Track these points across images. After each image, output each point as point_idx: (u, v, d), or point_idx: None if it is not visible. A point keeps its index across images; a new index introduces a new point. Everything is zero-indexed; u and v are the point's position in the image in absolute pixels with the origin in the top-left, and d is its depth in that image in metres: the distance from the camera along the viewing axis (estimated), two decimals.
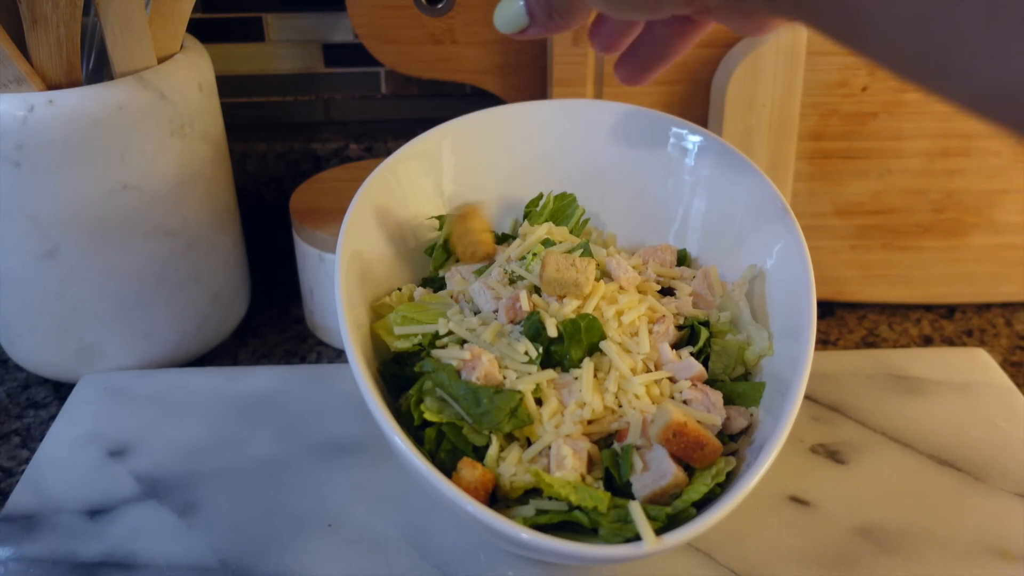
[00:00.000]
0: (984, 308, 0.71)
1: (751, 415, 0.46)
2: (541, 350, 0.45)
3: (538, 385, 0.44)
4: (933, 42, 0.24)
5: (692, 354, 0.47)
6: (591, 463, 0.43)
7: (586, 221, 0.57)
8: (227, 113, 0.65)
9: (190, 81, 0.58)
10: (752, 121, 0.64)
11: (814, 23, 0.30)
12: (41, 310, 0.59)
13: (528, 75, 0.71)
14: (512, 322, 0.46)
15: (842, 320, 0.70)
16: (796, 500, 0.50)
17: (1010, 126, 0.24)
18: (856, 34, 0.28)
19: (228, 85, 0.72)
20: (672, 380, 0.46)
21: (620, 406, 0.44)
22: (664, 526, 0.39)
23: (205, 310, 0.64)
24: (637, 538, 0.38)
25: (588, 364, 0.45)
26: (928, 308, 0.72)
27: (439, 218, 0.55)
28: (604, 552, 0.37)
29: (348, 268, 0.47)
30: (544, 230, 0.52)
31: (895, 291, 0.70)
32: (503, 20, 0.44)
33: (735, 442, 0.45)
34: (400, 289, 0.52)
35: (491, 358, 0.44)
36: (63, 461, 0.53)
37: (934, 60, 0.25)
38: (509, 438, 0.44)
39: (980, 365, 0.61)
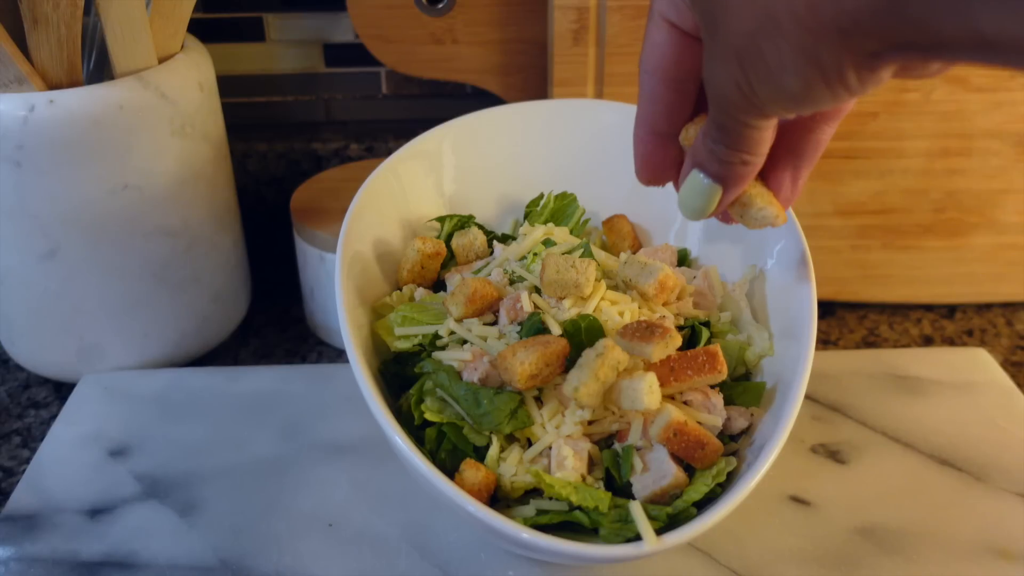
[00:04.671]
0: (985, 308, 0.71)
1: (751, 415, 0.46)
2: None
3: None
4: None
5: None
6: (591, 463, 0.43)
7: (586, 221, 0.57)
8: (228, 113, 0.65)
9: (191, 81, 0.58)
10: None
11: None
12: (42, 310, 0.59)
13: (528, 75, 0.71)
14: (512, 322, 0.46)
15: (842, 320, 0.70)
16: (796, 500, 0.50)
17: None
18: None
19: (229, 85, 0.72)
20: None
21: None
22: (664, 526, 0.39)
23: (206, 310, 0.64)
24: (637, 538, 0.38)
25: None
26: (929, 308, 0.72)
27: (439, 219, 0.55)
28: (604, 552, 0.37)
29: (349, 268, 0.48)
30: (544, 231, 0.52)
31: (895, 291, 0.70)
32: (694, 207, 0.39)
33: (735, 442, 0.45)
34: (401, 289, 0.52)
35: (492, 359, 0.44)
36: (64, 461, 0.54)
37: None
38: (510, 439, 0.44)
39: (981, 365, 0.61)
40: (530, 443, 0.43)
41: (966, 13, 0.26)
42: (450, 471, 0.42)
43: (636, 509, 0.39)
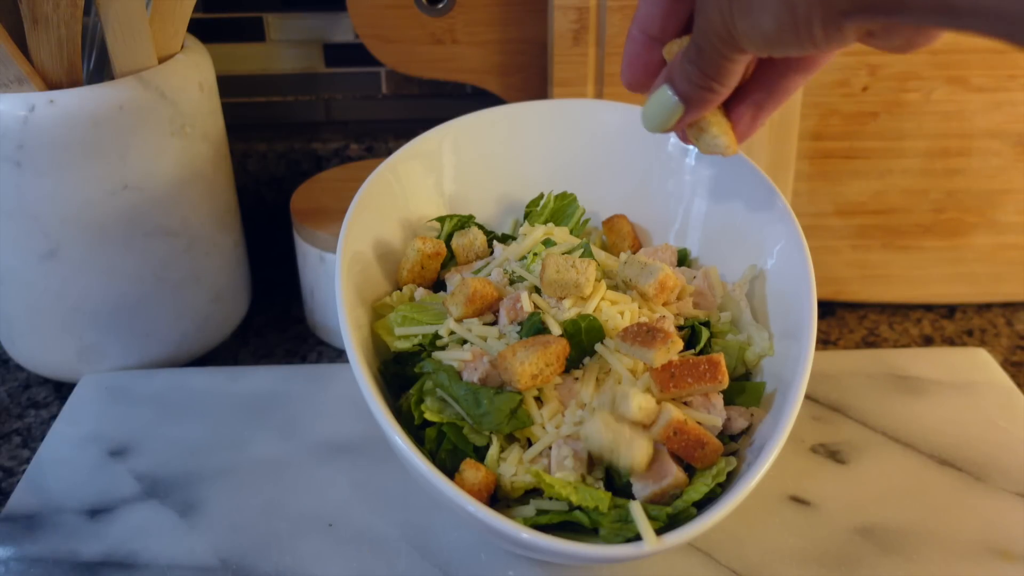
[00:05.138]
0: (985, 308, 0.71)
1: (751, 415, 0.46)
2: None
3: None
4: None
5: (693, 354, 0.47)
6: (591, 463, 0.43)
7: (586, 221, 0.57)
8: (228, 113, 0.65)
9: (191, 81, 0.58)
10: None
11: (1008, 37, 0.29)
12: (42, 310, 0.59)
13: (528, 75, 0.71)
14: (512, 322, 0.46)
15: (842, 320, 0.70)
16: (796, 500, 0.50)
17: None
18: None
19: (229, 85, 0.72)
20: None
21: None
22: (664, 526, 0.39)
23: (206, 310, 0.64)
24: (637, 538, 0.38)
25: (588, 365, 0.45)
26: (929, 308, 0.72)
27: (439, 219, 0.55)
28: (605, 552, 0.37)
29: (349, 268, 0.48)
30: (544, 231, 0.52)
31: (895, 291, 0.70)
32: (654, 119, 0.41)
33: (735, 442, 0.45)
34: (401, 289, 0.52)
35: (492, 359, 0.44)
36: (64, 461, 0.54)
37: None
38: (510, 439, 0.44)
39: (981, 365, 0.61)
40: (530, 443, 0.43)
41: None
42: (450, 471, 0.42)
43: (636, 509, 0.39)
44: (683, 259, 0.55)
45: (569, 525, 0.41)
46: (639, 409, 0.40)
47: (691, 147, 0.55)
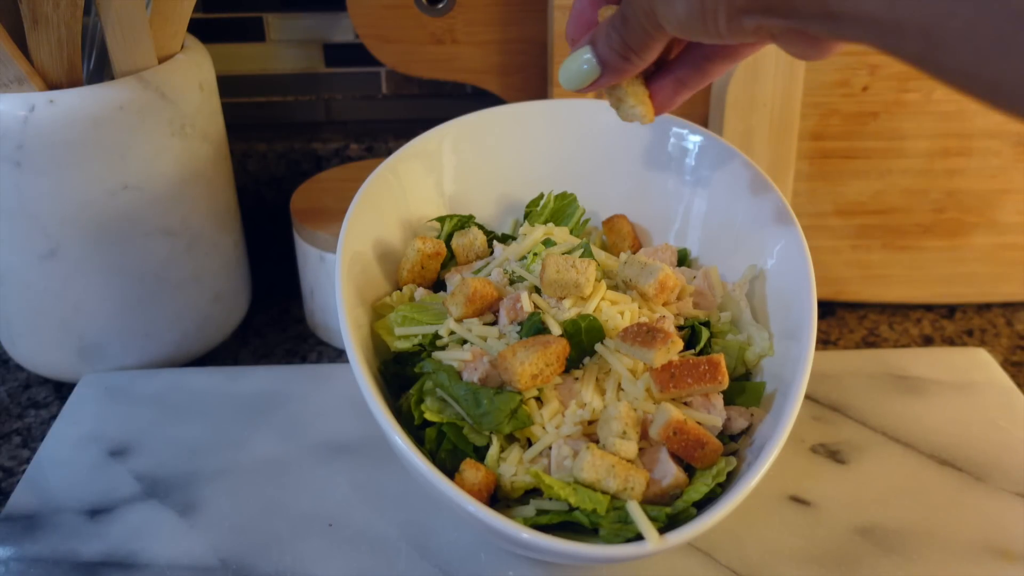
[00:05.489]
0: (985, 308, 0.71)
1: (751, 415, 0.46)
2: None
3: None
4: (1013, 69, 0.25)
5: (693, 355, 0.47)
6: None
7: (586, 221, 0.57)
8: (228, 113, 0.65)
9: (191, 81, 0.58)
10: (753, 121, 0.64)
11: (888, 49, 0.30)
12: (42, 310, 0.59)
13: (528, 75, 0.71)
14: (512, 322, 0.46)
15: (842, 320, 0.70)
16: (796, 500, 0.50)
17: None
18: (934, 61, 0.28)
19: (229, 85, 0.72)
20: None
21: None
22: (664, 526, 0.39)
23: (206, 310, 0.64)
24: (638, 538, 0.38)
25: (588, 365, 0.45)
26: (929, 308, 0.72)
27: (439, 219, 0.55)
28: (606, 552, 0.37)
29: (349, 268, 0.48)
30: (544, 231, 0.52)
31: (895, 291, 0.70)
32: (570, 76, 0.42)
33: (735, 442, 0.45)
34: (401, 289, 0.52)
35: (492, 359, 0.44)
36: (64, 461, 0.54)
37: (1012, 85, 0.26)
38: (510, 439, 0.44)
39: (981, 365, 0.61)
40: (530, 443, 0.43)
41: None
42: (450, 471, 0.42)
43: (635, 509, 0.39)
44: (683, 259, 0.55)
45: (569, 525, 0.41)
46: (622, 434, 0.41)
47: (691, 147, 0.55)
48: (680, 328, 0.49)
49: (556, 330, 0.44)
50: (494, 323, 0.47)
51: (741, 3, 0.34)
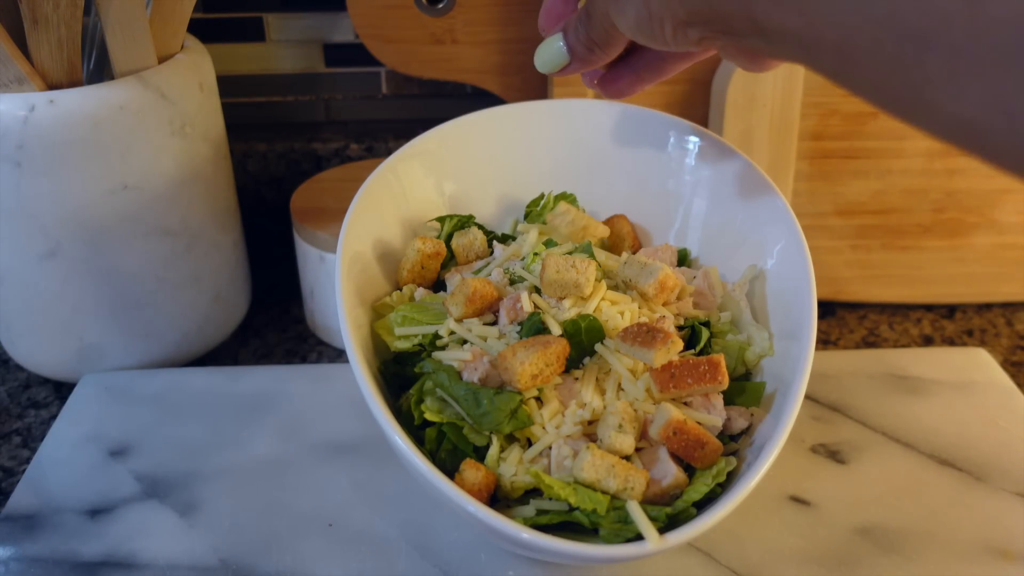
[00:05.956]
0: (985, 308, 0.71)
1: (751, 415, 0.46)
2: None
3: None
4: (909, 83, 0.28)
5: (693, 355, 0.47)
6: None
7: None
8: (228, 113, 0.65)
9: (191, 81, 0.58)
10: (752, 121, 0.64)
11: (810, 64, 0.33)
12: (42, 310, 0.59)
13: (528, 75, 0.71)
14: (512, 322, 0.46)
15: (842, 320, 0.70)
16: (796, 500, 0.50)
17: (975, 154, 0.28)
18: (847, 75, 0.31)
19: (229, 85, 0.72)
20: None
21: None
22: (664, 526, 0.39)
23: (206, 310, 0.64)
24: (638, 538, 0.38)
25: (588, 365, 0.45)
26: (929, 308, 0.72)
27: (439, 219, 0.55)
28: (606, 552, 0.37)
29: (349, 268, 0.48)
30: (538, 230, 0.52)
31: (895, 291, 0.70)
32: (543, 60, 0.45)
33: (735, 442, 0.45)
34: (401, 289, 0.52)
35: (492, 359, 0.44)
36: (64, 461, 0.54)
37: (910, 98, 0.28)
38: (510, 439, 0.44)
39: (981, 365, 0.61)
40: (530, 443, 0.43)
41: (748, 5, 0.33)
42: (450, 471, 0.42)
43: (634, 508, 0.39)
44: (683, 259, 0.55)
45: (569, 525, 0.41)
46: (616, 437, 0.41)
47: (691, 147, 0.55)
48: (680, 328, 0.49)
49: (556, 330, 0.44)
50: (494, 323, 0.47)
51: (683, 16, 0.36)
